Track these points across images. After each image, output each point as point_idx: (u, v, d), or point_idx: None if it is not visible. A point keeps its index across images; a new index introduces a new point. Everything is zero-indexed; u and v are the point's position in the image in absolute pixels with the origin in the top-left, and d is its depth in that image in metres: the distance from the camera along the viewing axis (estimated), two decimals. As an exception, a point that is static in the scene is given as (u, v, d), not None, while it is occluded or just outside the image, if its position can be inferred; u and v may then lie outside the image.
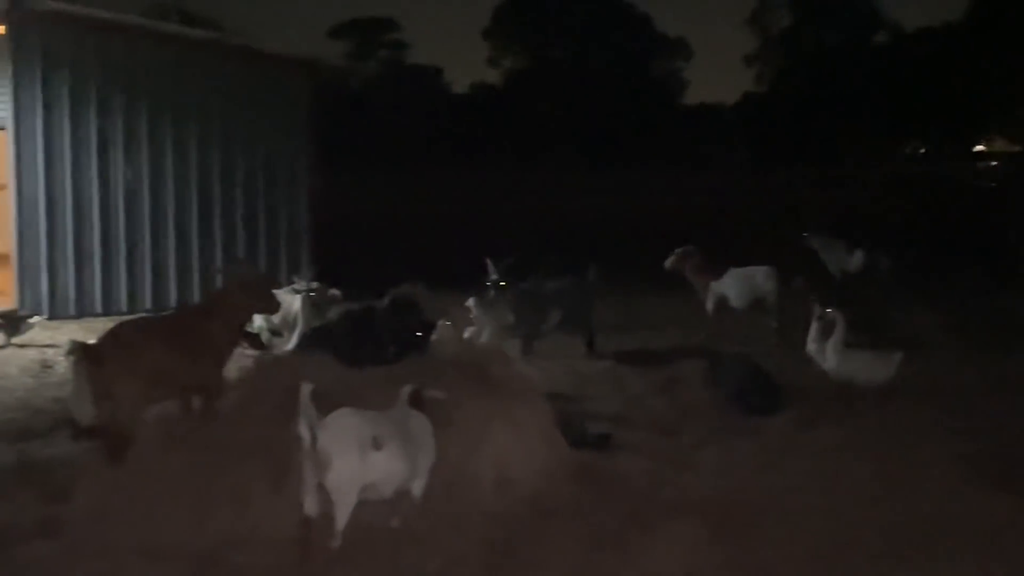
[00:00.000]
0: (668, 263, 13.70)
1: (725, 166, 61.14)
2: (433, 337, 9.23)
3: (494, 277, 12.15)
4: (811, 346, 10.19)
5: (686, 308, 14.70)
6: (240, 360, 8.99)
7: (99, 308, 16.28)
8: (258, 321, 12.34)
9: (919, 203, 37.29)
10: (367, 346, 8.37)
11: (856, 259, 15.48)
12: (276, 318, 12.29)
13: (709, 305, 13.56)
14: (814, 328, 10.17)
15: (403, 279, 11.43)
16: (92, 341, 7.53)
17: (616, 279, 15.21)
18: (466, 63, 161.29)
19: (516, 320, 12.20)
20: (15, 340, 13.45)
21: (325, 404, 5.87)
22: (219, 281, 9.20)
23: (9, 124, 15.66)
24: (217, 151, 17.27)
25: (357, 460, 5.69)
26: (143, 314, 15.06)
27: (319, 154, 18.58)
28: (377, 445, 5.77)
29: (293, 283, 13.05)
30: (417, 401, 6.37)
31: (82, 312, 16.15)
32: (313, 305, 12.54)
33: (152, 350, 7.10)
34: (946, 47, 63.06)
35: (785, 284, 13.06)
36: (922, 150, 66.90)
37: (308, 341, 9.39)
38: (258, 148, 17.64)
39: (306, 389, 5.65)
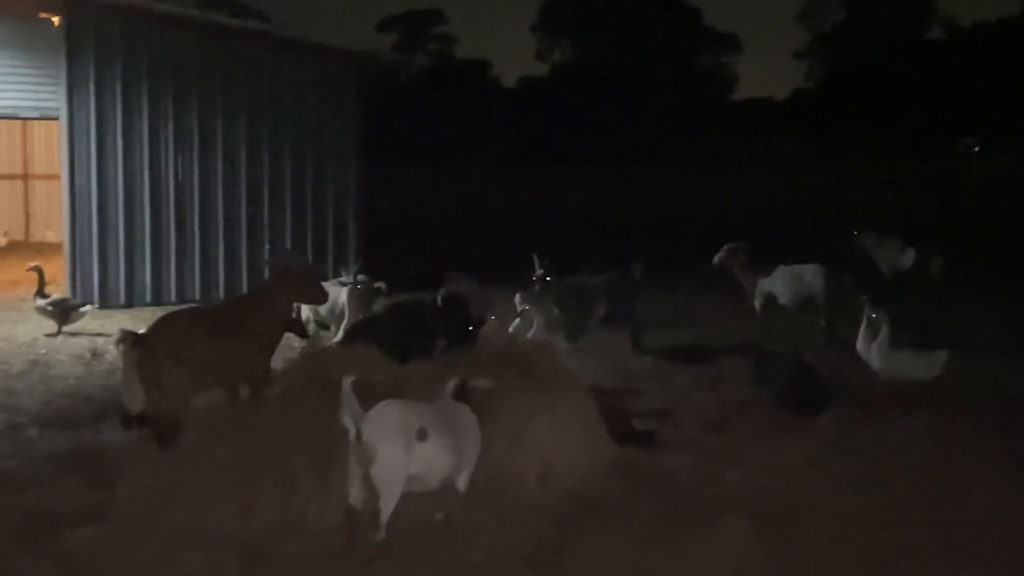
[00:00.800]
0: (716, 259, 13.54)
1: (774, 162, 60.56)
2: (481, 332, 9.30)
3: (540, 272, 12.11)
4: (860, 345, 10.08)
5: (733, 305, 14.52)
6: (287, 351, 9.03)
7: (148, 298, 16.44)
8: (305, 313, 12.33)
9: (971, 200, 36.76)
10: (414, 340, 8.44)
11: (907, 257, 15.29)
12: (323, 310, 12.27)
13: (757, 303, 13.41)
14: (863, 327, 10.06)
15: (449, 273, 11.52)
16: (141, 330, 7.54)
17: (663, 275, 15.04)
18: (514, 57, 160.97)
19: (561, 315, 12.16)
20: (66, 328, 13.61)
21: (371, 395, 5.87)
22: (267, 272, 9.17)
23: (63, 115, 15.80)
24: (266, 142, 17.34)
25: (402, 451, 5.64)
26: (192, 304, 15.16)
27: (367, 147, 18.50)
28: (422, 436, 5.73)
29: (340, 275, 13.02)
30: (463, 394, 6.30)
31: (131, 302, 16.31)
32: (360, 297, 12.52)
33: (200, 340, 7.07)
34: (1001, 43, 62.09)
35: (834, 282, 12.86)
36: (976, 148, 66.00)
37: (354, 333, 9.30)
38: (307, 140, 17.68)
39: (347, 381, 5.64)
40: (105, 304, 15.90)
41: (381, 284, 13.02)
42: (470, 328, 8.85)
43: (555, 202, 37.25)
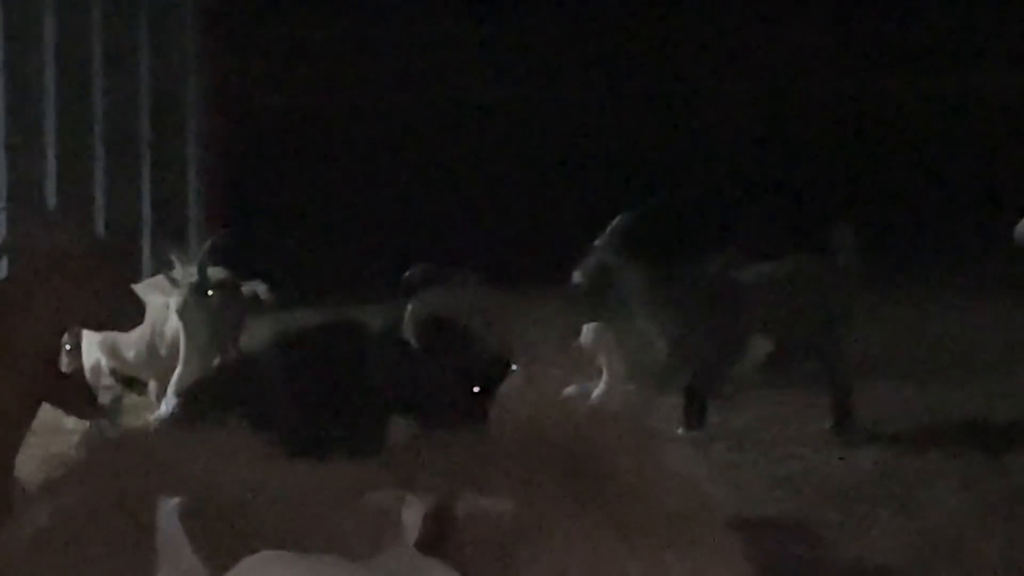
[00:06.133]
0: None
1: None
2: (496, 392, 5.49)
3: (600, 243, 7.33)
4: None
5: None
6: (50, 441, 5.79)
7: None
8: (93, 353, 7.70)
9: None
10: (340, 412, 5.13)
11: None
12: (130, 347, 7.68)
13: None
14: None
15: (418, 266, 7.07)
16: None
17: (901, 258, 10.15)
18: None
19: (674, 351, 7.39)
20: None
21: (231, 536, 3.00)
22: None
23: None
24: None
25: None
26: None
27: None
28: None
29: (170, 266, 8.12)
30: (438, 533, 3.05)
31: None
32: (212, 316, 7.87)
33: None
34: None
35: None
36: None
37: (202, 395, 5.88)
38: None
39: (170, 507, 2.89)
40: None
41: (259, 287, 8.53)
42: (471, 386, 5.40)
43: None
